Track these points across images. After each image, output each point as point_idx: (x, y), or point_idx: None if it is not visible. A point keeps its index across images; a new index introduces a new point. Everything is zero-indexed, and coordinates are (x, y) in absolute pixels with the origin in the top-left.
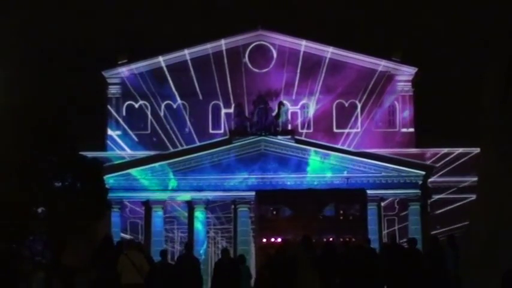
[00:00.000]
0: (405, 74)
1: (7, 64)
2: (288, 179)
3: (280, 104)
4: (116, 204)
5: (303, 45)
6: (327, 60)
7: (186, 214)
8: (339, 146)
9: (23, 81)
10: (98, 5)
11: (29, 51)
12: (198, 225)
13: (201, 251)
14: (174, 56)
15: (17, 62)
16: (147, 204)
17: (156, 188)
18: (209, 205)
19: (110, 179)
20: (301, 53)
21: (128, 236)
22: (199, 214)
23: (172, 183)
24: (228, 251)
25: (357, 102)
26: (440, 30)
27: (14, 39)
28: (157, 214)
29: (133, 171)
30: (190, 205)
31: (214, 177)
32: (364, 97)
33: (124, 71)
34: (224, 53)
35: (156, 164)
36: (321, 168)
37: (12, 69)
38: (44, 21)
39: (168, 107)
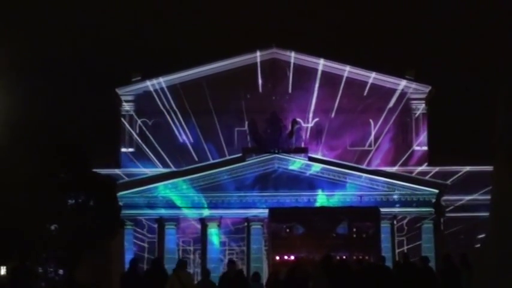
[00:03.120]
0: (419, 92)
1: (21, 80)
2: (301, 197)
3: (294, 121)
4: (129, 222)
5: (317, 63)
6: (342, 79)
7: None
8: (352, 164)
9: (36, 98)
10: (112, 22)
11: (43, 68)
12: (212, 243)
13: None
14: (187, 74)
15: (32, 80)
16: (160, 222)
17: (169, 205)
18: (222, 223)
19: (123, 196)
20: (315, 71)
21: (145, 255)
22: (212, 231)
23: (185, 201)
24: (235, 262)
25: (371, 120)
26: (454, 48)
27: (27, 55)
28: (170, 231)
29: (147, 189)
30: (203, 222)
31: (227, 194)
32: (378, 115)
33: (138, 88)
34: (238, 70)
35: (169, 182)
36: (334, 186)
37: (27, 86)
38: (58, 39)
39: (181, 124)
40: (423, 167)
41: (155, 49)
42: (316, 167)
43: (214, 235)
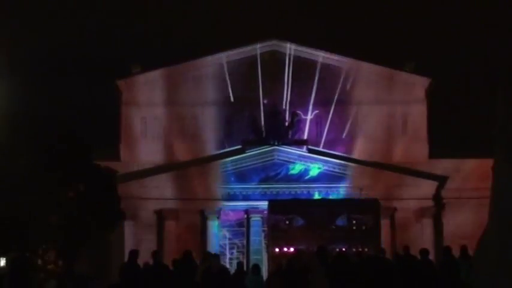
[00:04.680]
0: (418, 84)
1: (21, 74)
2: (300, 189)
3: (294, 113)
4: (129, 214)
5: (317, 55)
6: (342, 71)
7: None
8: (352, 156)
9: (36, 90)
10: (112, 13)
11: (43, 60)
12: (211, 236)
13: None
14: (187, 65)
15: (31, 72)
16: (160, 214)
17: (169, 197)
18: (222, 215)
19: (123, 188)
20: (315, 63)
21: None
22: (212, 224)
23: (184, 193)
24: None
25: (371, 112)
26: (454, 40)
27: (27, 48)
28: (170, 224)
29: (146, 180)
30: (203, 214)
31: (226, 186)
32: (378, 107)
33: (138, 79)
34: (238, 62)
35: (169, 173)
36: (333, 178)
37: (26, 78)
38: (57, 30)
39: (181, 115)
40: (423, 160)
41: (155, 41)
42: (316, 159)
43: (214, 227)
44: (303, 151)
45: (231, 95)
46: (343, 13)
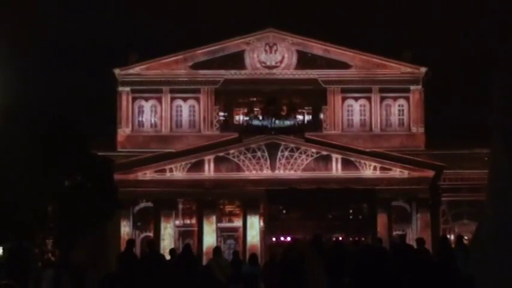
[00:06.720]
0: (415, 73)
1: (18, 63)
2: (297, 178)
3: (291, 103)
4: (126, 203)
5: (314, 45)
6: (338, 60)
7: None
8: (348, 146)
9: (33, 80)
10: (109, 3)
11: (40, 50)
12: (209, 226)
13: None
14: (184, 55)
15: (28, 61)
16: (156, 203)
17: (166, 187)
18: (218, 204)
19: (120, 178)
20: (313, 53)
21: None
22: (209, 213)
23: (181, 182)
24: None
25: (368, 102)
26: (451, 28)
27: (24, 38)
28: (167, 213)
29: (143, 170)
30: (200, 204)
31: (224, 175)
32: (375, 97)
33: (135, 68)
34: (235, 51)
35: (166, 162)
36: (330, 167)
37: (23, 68)
38: (55, 19)
39: (178, 105)
40: (420, 149)
41: (152, 31)
42: (313, 148)
43: (212, 217)
44: (300, 140)
45: (228, 83)
46: (340, 3)
